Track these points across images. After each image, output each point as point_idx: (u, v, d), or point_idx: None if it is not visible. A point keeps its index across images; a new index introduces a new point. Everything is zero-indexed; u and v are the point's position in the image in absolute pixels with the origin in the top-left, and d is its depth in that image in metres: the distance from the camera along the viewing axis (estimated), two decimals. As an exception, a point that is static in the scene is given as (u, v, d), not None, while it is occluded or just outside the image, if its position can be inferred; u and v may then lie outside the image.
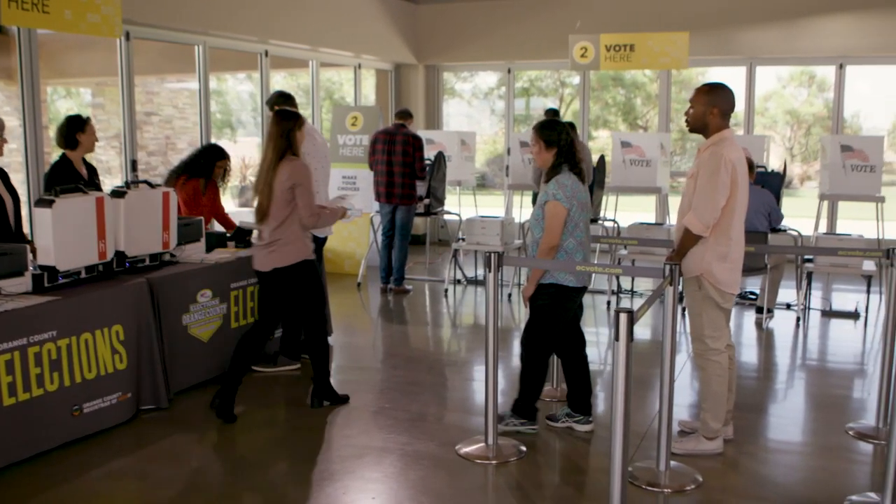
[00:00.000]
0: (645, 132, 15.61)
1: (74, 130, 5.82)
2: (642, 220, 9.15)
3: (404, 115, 8.94)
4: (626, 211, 10.77)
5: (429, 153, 9.46)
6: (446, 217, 10.27)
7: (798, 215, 9.91)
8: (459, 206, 10.85)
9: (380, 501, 4.13)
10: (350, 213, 5.63)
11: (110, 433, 4.85)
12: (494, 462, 4.53)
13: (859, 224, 9.93)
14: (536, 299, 4.79)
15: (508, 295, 8.63)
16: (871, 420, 5.10)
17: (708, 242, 4.42)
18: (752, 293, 8.32)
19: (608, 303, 8.49)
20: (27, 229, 5.87)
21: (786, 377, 6.35)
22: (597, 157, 9.13)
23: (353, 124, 9.76)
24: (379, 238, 9.22)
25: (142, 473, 4.40)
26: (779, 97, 16.74)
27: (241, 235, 6.33)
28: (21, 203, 5.47)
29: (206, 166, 6.62)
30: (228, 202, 7.40)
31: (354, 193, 6.06)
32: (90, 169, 6.02)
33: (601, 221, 9.30)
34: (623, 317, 3.28)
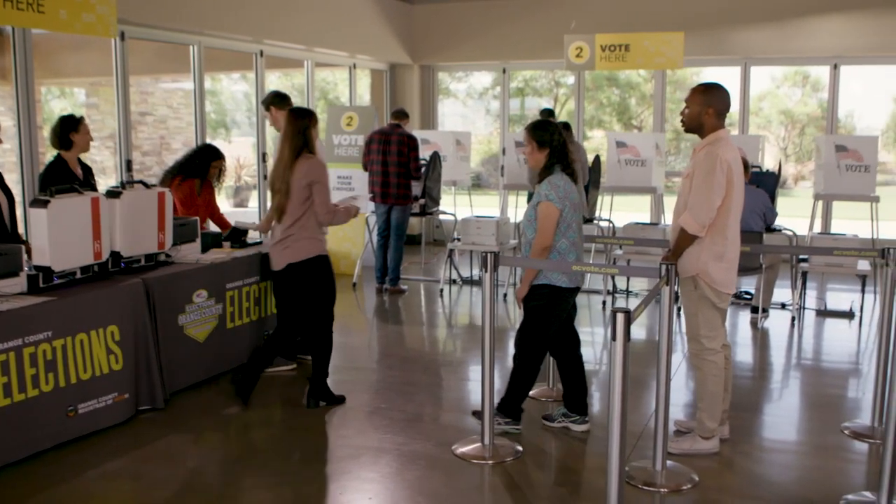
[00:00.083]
0: (639, 132, 15.63)
1: (68, 130, 5.80)
2: (638, 220, 9.16)
3: (400, 115, 8.94)
4: (622, 211, 10.78)
5: (424, 153, 9.46)
6: (441, 217, 10.26)
7: (792, 215, 9.94)
8: (455, 206, 10.85)
9: (377, 502, 4.13)
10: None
11: (106, 434, 4.83)
12: (491, 462, 4.53)
13: (854, 224, 9.95)
14: (530, 300, 4.79)
15: (504, 295, 8.63)
16: (867, 419, 5.11)
17: (704, 242, 4.43)
18: (748, 293, 8.34)
19: (603, 302, 8.49)
20: (22, 229, 5.86)
21: (781, 377, 6.37)
22: (592, 157, 9.14)
23: (349, 124, 9.75)
24: (374, 238, 9.22)
25: (137, 474, 4.39)
26: (773, 97, 16.79)
27: (237, 236, 6.32)
28: (16, 203, 5.46)
29: (202, 166, 6.60)
30: (223, 202, 7.38)
31: (362, 195, 6.13)
32: (85, 169, 6.01)
33: (597, 221, 9.30)
34: (620, 317, 3.28)
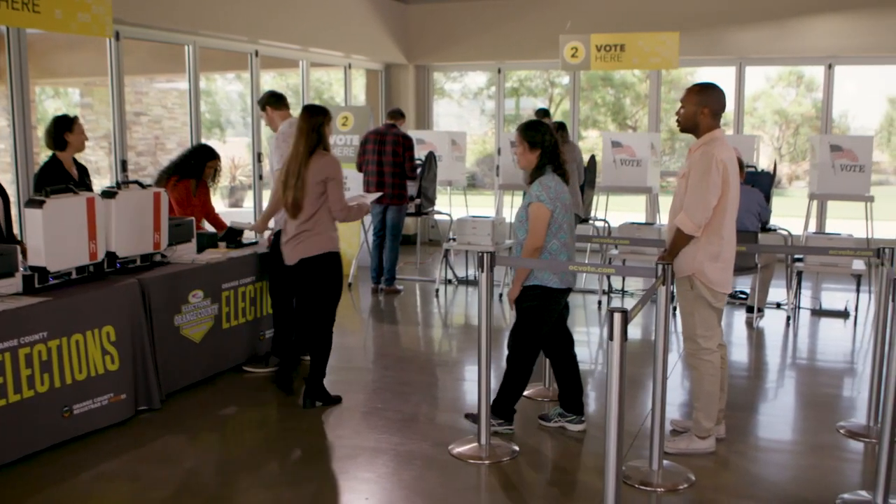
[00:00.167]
0: (634, 132, 15.65)
1: (62, 130, 5.79)
2: (633, 220, 9.17)
3: (396, 115, 8.93)
4: (617, 211, 10.79)
5: (419, 153, 9.46)
6: (437, 217, 10.27)
7: (787, 215, 9.96)
8: (450, 206, 10.85)
9: (373, 502, 4.12)
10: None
11: (102, 434, 4.82)
12: (487, 462, 4.53)
13: (848, 223, 9.98)
14: (522, 301, 4.80)
15: (500, 295, 8.64)
16: (862, 418, 5.12)
17: (699, 242, 4.43)
18: (743, 292, 8.35)
19: (599, 302, 8.50)
20: (17, 230, 5.84)
21: (776, 376, 6.38)
22: (587, 157, 9.15)
23: (344, 124, 9.74)
24: (370, 238, 9.21)
25: (134, 474, 4.38)
26: (767, 97, 16.82)
27: (233, 236, 6.31)
28: (11, 203, 5.44)
29: (197, 167, 6.59)
30: (218, 202, 7.37)
31: (370, 194, 6.17)
32: (81, 169, 5.99)
33: (592, 221, 9.31)
34: (617, 316, 3.29)
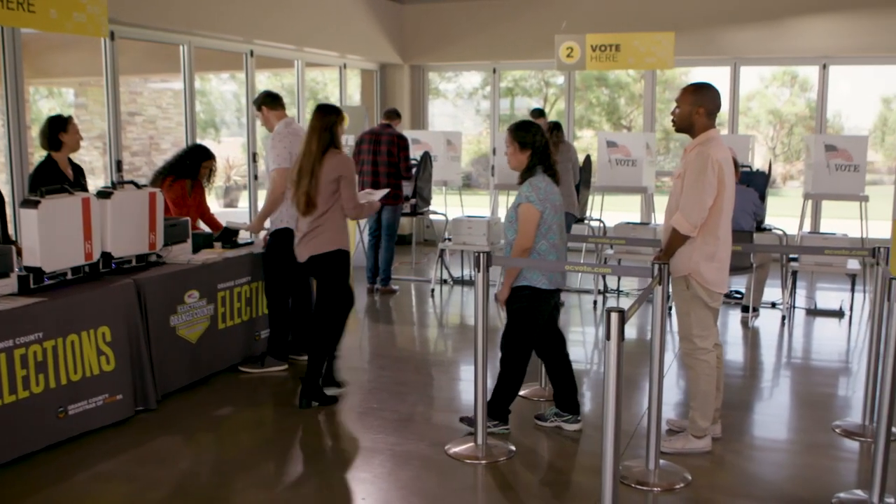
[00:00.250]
0: (629, 132, 15.66)
1: (56, 131, 5.78)
2: (628, 220, 9.18)
3: (392, 115, 8.93)
4: (612, 210, 10.80)
5: (414, 153, 9.46)
6: (432, 217, 10.26)
7: (782, 214, 9.98)
8: (445, 206, 10.85)
9: (370, 502, 4.12)
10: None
11: (98, 435, 4.81)
12: (484, 462, 4.53)
13: (843, 223, 10.00)
14: (511, 303, 4.80)
15: (495, 295, 8.62)
16: (857, 418, 5.14)
17: (695, 242, 4.44)
18: (738, 292, 8.37)
19: (594, 302, 8.51)
20: (12, 230, 5.83)
21: (772, 375, 6.39)
22: (583, 157, 9.16)
23: (339, 124, 9.72)
24: (365, 238, 9.21)
25: (130, 475, 4.37)
26: (761, 97, 16.85)
27: (228, 236, 6.30)
28: (6, 204, 5.43)
29: (193, 167, 6.59)
30: (213, 203, 7.36)
31: (378, 190, 6.18)
32: (76, 169, 5.98)
33: (587, 221, 9.32)
34: (614, 316, 3.29)
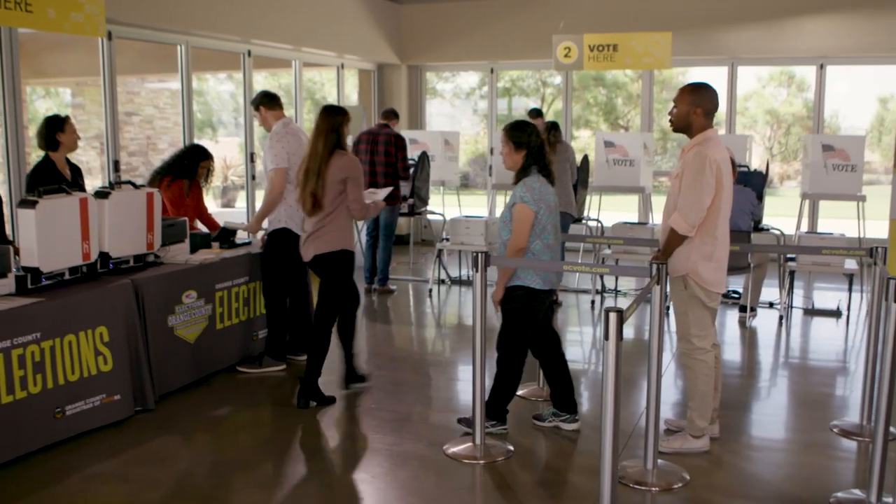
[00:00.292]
0: (626, 132, 15.67)
1: (54, 131, 5.77)
2: (626, 220, 9.18)
3: (389, 115, 8.93)
4: (610, 210, 10.80)
5: (412, 153, 9.45)
6: (430, 217, 10.26)
7: (779, 214, 9.98)
8: (443, 206, 10.84)
9: (368, 502, 4.12)
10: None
11: (96, 435, 4.81)
12: (482, 462, 4.53)
13: (840, 223, 10.02)
14: (506, 303, 4.80)
15: (491, 295, 8.63)
16: (855, 417, 5.14)
17: (693, 242, 4.44)
18: (736, 292, 8.37)
19: (592, 302, 8.51)
20: (10, 230, 5.82)
21: (769, 375, 6.40)
22: (580, 157, 9.16)
23: (337, 124, 9.72)
24: (363, 238, 9.21)
25: (128, 476, 4.36)
26: (758, 97, 16.87)
27: (226, 236, 6.30)
28: (3, 204, 5.42)
29: (190, 167, 6.58)
30: (210, 203, 7.36)
31: (382, 190, 6.19)
32: (74, 169, 5.97)
33: (585, 221, 9.32)
34: (613, 316, 3.29)
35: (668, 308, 6.77)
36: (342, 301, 5.48)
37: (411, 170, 9.06)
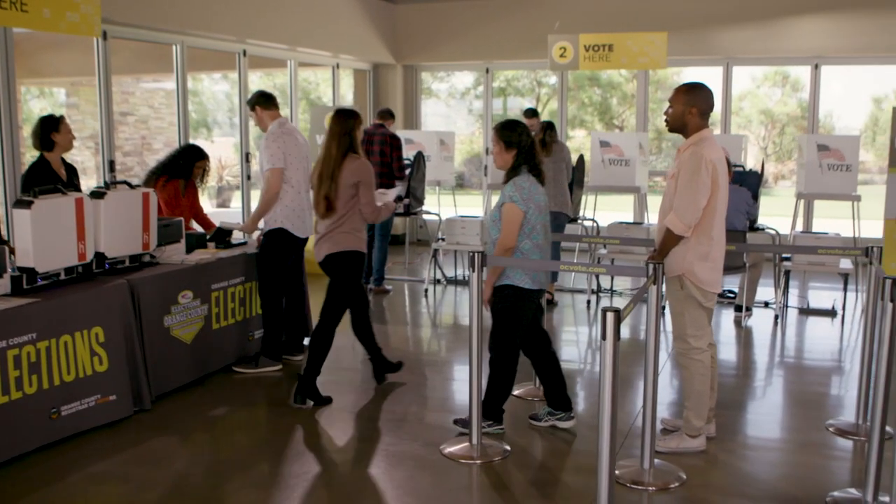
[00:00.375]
0: (621, 132, 15.68)
1: (49, 131, 5.76)
2: (622, 220, 9.19)
3: (385, 116, 8.92)
4: (605, 210, 10.82)
5: (408, 153, 9.45)
6: (426, 217, 10.26)
7: (774, 214, 10.00)
8: (439, 206, 10.84)
9: (365, 502, 4.12)
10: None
11: (93, 436, 4.80)
12: (479, 462, 4.53)
13: (835, 222, 10.04)
14: (495, 303, 4.81)
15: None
16: (851, 416, 5.15)
17: (689, 242, 4.44)
18: (731, 291, 8.39)
19: (588, 302, 8.52)
20: (5, 231, 5.80)
21: (765, 375, 6.41)
22: (575, 157, 9.16)
23: (332, 124, 9.71)
24: (359, 238, 9.18)
25: (124, 476, 4.36)
26: (753, 97, 16.90)
27: (222, 236, 6.29)
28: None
29: (186, 167, 6.57)
30: (205, 203, 7.35)
31: (391, 191, 6.20)
32: (70, 169, 5.96)
33: (581, 221, 9.33)
34: (610, 316, 3.29)
35: (665, 308, 6.78)
36: (350, 301, 5.52)
37: (407, 170, 9.05)
